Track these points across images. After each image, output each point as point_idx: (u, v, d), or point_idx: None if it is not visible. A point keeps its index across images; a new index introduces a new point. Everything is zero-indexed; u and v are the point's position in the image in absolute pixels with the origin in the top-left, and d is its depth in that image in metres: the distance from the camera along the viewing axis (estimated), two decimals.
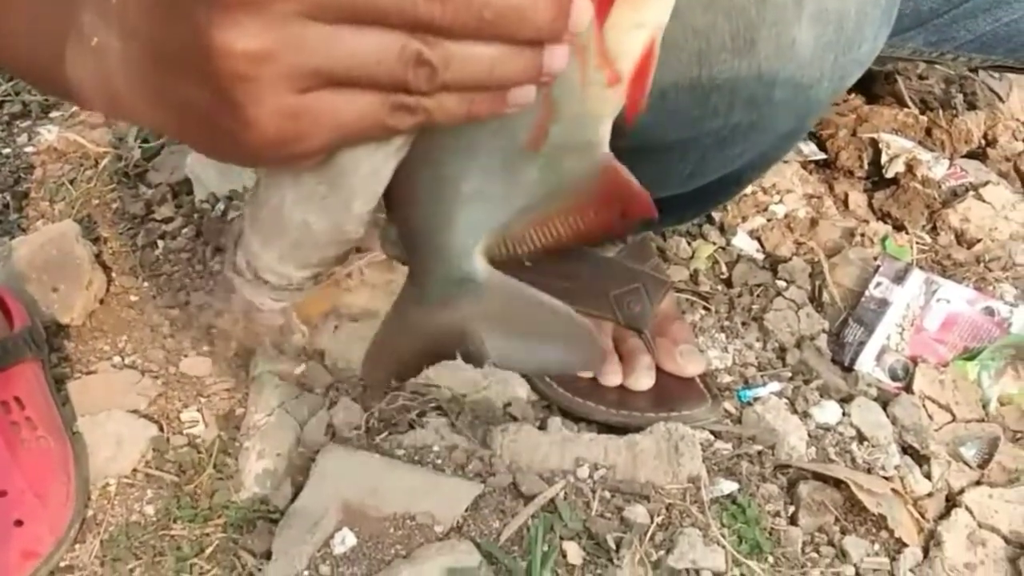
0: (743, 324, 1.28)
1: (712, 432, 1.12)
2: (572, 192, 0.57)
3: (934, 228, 1.43)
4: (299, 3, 0.40)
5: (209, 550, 1.01)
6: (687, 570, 0.97)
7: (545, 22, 0.43)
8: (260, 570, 0.97)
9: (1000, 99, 1.63)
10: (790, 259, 1.36)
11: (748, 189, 1.44)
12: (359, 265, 0.64)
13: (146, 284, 1.28)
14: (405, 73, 0.42)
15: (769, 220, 1.42)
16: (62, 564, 1.00)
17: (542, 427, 1.11)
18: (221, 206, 1.33)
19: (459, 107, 0.45)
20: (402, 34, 0.42)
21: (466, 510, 1.00)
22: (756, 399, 1.17)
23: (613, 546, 0.98)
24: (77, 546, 1.02)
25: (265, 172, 0.53)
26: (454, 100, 0.44)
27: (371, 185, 0.51)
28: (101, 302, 1.26)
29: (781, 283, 1.33)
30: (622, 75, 0.50)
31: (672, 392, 1.14)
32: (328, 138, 0.45)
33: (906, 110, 1.57)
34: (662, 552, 0.99)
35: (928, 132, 1.55)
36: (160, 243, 1.33)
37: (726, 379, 1.21)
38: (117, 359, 1.20)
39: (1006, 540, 1.05)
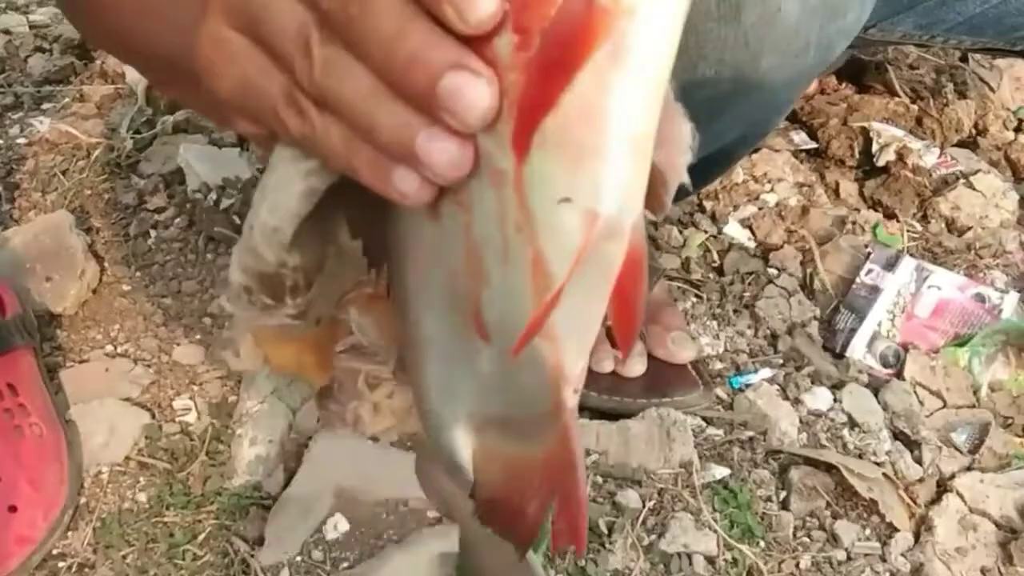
0: (735, 311, 1.28)
1: (704, 418, 1.13)
2: (527, 435, 0.47)
3: (925, 216, 1.44)
4: None
5: (202, 536, 1.01)
6: (679, 554, 0.97)
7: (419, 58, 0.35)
8: (253, 556, 0.97)
9: (991, 89, 1.63)
10: (781, 247, 1.37)
11: (739, 178, 1.45)
12: (387, 391, 0.56)
13: (139, 273, 1.28)
14: (292, 55, 0.39)
15: (760, 209, 1.42)
16: (55, 551, 1.00)
17: None
18: (213, 196, 1.33)
19: (341, 145, 0.39)
20: (312, 16, 0.38)
21: None
22: (748, 385, 1.18)
23: (605, 530, 0.98)
24: (70, 533, 1.02)
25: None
26: (338, 133, 0.39)
27: (278, 196, 0.43)
28: (94, 292, 1.26)
29: (772, 271, 1.34)
30: (552, 274, 0.37)
31: (664, 378, 1.15)
32: (232, 85, 0.42)
33: (897, 99, 1.57)
34: (654, 536, 0.99)
35: (919, 121, 1.55)
36: (152, 233, 1.33)
37: (718, 366, 1.21)
38: (110, 348, 1.20)
39: (997, 525, 1.06)
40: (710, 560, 0.97)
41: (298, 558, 0.96)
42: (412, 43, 0.34)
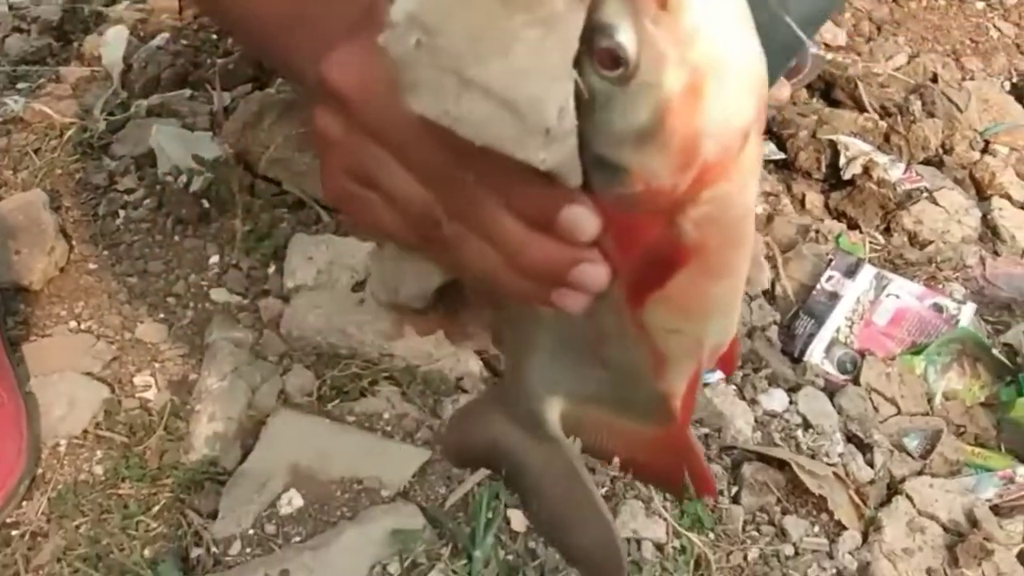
0: None
1: None
2: (641, 420, 0.57)
3: (887, 228, 1.45)
4: (371, 120, 0.44)
5: (156, 509, 1.01)
6: (628, 539, 0.98)
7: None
8: (206, 528, 0.97)
9: (959, 109, 1.65)
10: None
11: None
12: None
13: (106, 252, 1.28)
14: (422, 226, 0.46)
15: None
16: (8, 520, 1.00)
17: None
18: (184, 178, 1.33)
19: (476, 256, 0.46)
20: (435, 199, 0.45)
21: (413, 476, 1.01)
22: (706, 384, 1.19)
23: None
24: (24, 503, 1.02)
25: None
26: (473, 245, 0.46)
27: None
28: (61, 270, 1.26)
29: None
30: (672, 387, 0.52)
31: None
32: (371, 231, 0.49)
33: (866, 115, 1.60)
34: None
35: (887, 138, 1.57)
36: (121, 213, 1.33)
37: None
38: (73, 323, 1.20)
39: (944, 528, 1.07)
40: (659, 547, 0.98)
41: (251, 531, 0.96)
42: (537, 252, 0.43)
